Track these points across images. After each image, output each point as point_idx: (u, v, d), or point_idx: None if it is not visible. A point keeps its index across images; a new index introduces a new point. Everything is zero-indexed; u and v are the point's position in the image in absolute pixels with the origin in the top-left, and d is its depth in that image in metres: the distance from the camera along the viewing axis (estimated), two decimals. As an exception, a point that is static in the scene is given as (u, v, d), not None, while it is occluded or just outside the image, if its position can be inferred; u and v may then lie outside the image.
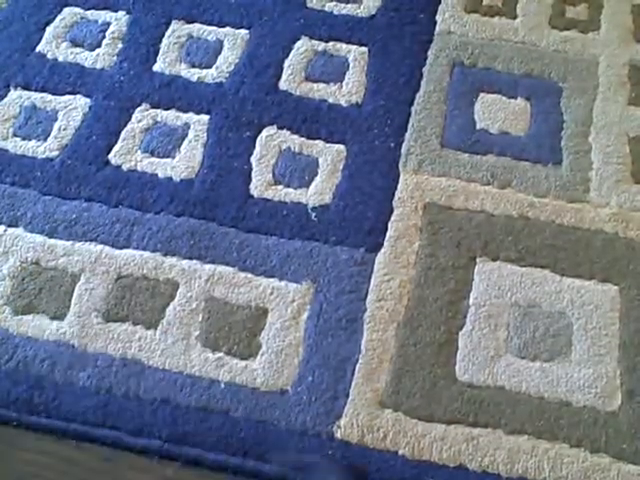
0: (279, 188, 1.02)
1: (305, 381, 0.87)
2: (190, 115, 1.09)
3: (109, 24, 1.19)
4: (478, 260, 0.95)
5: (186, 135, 1.07)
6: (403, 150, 1.05)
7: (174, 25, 1.19)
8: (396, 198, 1.00)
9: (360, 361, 0.88)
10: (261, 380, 0.87)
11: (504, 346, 0.89)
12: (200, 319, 0.91)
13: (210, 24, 1.19)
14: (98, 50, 1.16)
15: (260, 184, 1.02)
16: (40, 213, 0.99)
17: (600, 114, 1.08)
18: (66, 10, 1.21)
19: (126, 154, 1.05)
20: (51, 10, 1.20)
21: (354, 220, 0.99)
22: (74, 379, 0.87)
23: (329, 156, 1.05)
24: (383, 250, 0.96)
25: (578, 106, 1.09)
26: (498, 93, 1.11)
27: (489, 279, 0.94)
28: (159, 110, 1.09)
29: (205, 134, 1.07)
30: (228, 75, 1.13)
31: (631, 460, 0.82)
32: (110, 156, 1.05)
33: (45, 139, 1.07)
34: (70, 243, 0.97)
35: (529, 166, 1.03)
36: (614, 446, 0.83)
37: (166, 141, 1.06)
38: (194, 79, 1.13)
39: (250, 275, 0.94)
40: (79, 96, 1.11)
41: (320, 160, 1.04)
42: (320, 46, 1.16)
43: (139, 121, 1.08)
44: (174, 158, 1.05)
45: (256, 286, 0.93)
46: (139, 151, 1.05)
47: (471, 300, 0.92)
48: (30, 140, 1.06)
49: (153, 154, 1.05)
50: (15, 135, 1.07)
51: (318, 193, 1.01)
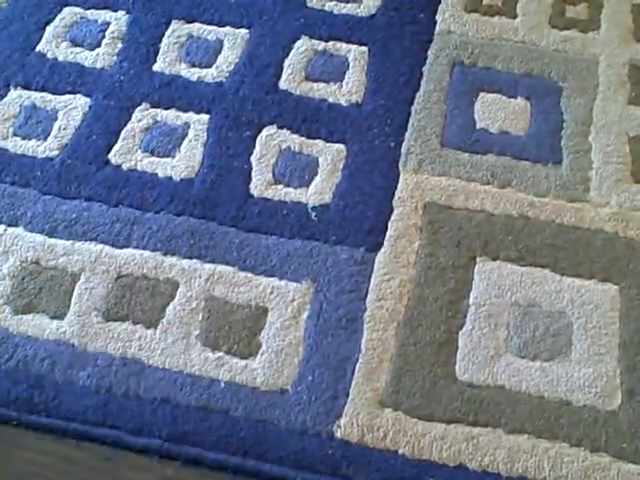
0: (279, 187, 1.02)
1: (305, 380, 0.87)
2: (190, 115, 1.09)
3: (109, 24, 1.19)
4: (478, 259, 0.95)
5: (186, 135, 1.07)
6: (403, 150, 1.05)
7: (174, 25, 1.19)
8: (396, 197, 1.00)
9: (360, 360, 0.88)
10: (261, 379, 0.87)
11: (504, 345, 0.89)
12: (200, 318, 0.91)
13: (210, 24, 1.19)
14: (98, 50, 1.16)
15: (260, 183, 1.02)
16: (40, 212, 0.99)
17: (600, 114, 1.08)
18: (66, 10, 1.21)
19: (126, 154, 1.05)
20: (51, 10, 1.20)
21: (354, 219, 0.99)
22: (74, 378, 0.87)
23: (329, 156, 1.05)
24: (383, 249, 0.96)
25: (578, 105, 1.09)
26: (498, 93, 1.11)
27: (489, 278, 0.94)
28: (159, 110, 1.09)
29: (205, 134, 1.07)
30: (228, 75, 1.13)
31: (631, 459, 0.82)
32: (110, 155, 1.05)
33: (45, 138, 1.06)
34: (70, 242, 0.97)
35: (529, 165, 1.03)
36: (614, 445, 0.83)
37: (166, 141, 1.06)
38: (194, 79, 1.13)
39: (250, 274, 0.94)
40: (79, 96, 1.11)
41: (320, 160, 1.04)
42: (320, 46, 1.16)
43: (139, 120, 1.08)
44: (174, 158, 1.05)
45: (256, 285, 0.93)
46: (139, 151, 1.05)
47: (471, 299, 0.92)
48: (30, 139, 1.06)
49: (153, 154, 1.05)
50: (15, 134, 1.07)
51: (318, 193, 1.01)
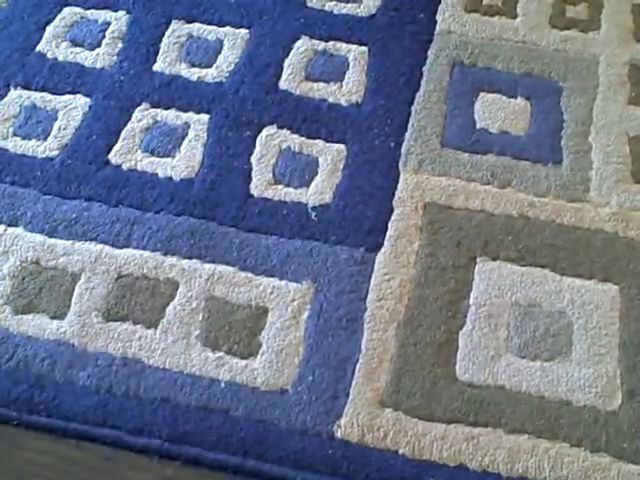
0: (279, 187, 1.02)
1: (305, 380, 0.87)
2: (190, 115, 1.09)
3: (109, 24, 1.19)
4: (478, 260, 0.95)
5: (186, 135, 1.07)
6: (403, 150, 1.05)
7: (174, 25, 1.19)
8: (396, 198, 1.00)
9: (360, 361, 0.88)
10: (261, 379, 0.87)
11: (504, 346, 0.89)
12: (200, 318, 0.91)
13: (210, 24, 1.19)
14: (98, 50, 1.16)
15: (260, 183, 1.02)
16: (40, 212, 0.99)
17: (600, 114, 1.08)
18: (66, 10, 1.21)
19: (126, 154, 1.05)
20: (51, 10, 1.20)
21: (354, 220, 0.98)
22: (74, 378, 0.87)
23: (329, 156, 1.05)
24: (383, 250, 0.96)
25: (578, 105, 1.09)
26: (498, 93, 1.11)
27: (489, 279, 0.94)
28: (159, 110, 1.09)
29: (205, 134, 1.07)
30: (228, 75, 1.13)
31: (631, 460, 0.82)
32: (110, 156, 1.05)
33: (45, 138, 1.06)
34: (70, 242, 0.97)
35: (529, 166, 1.03)
36: (614, 445, 0.83)
37: (166, 141, 1.06)
38: (194, 79, 1.13)
39: (250, 274, 0.94)
40: (79, 96, 1.11)
41: (320, 160, 1.04)
42: (320, 46, 1.16)
43: (139, 121, 1.08)
44: (174, 158, 1.05)
45: (256, 285, 0.93)
46: (139, 151, 1.05)
47: (471, 300, 0.92)
48: (30, 139, 1.06)
49: (153, 154, 1.05)
50: (15, 134, 1.07)
51: (318, 193, 1.01)
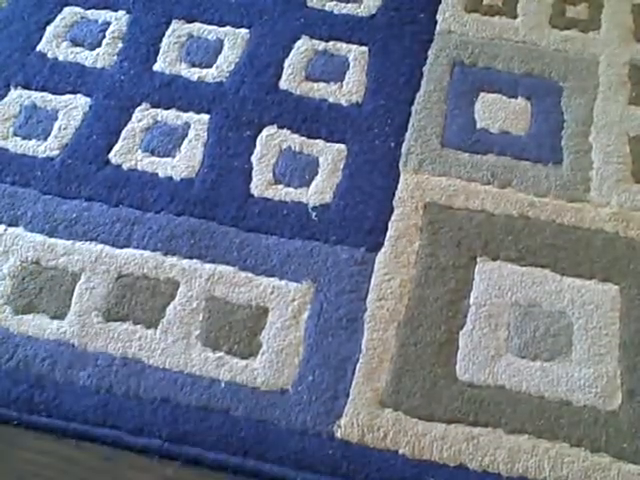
0: (279, 187, 1.02)
1: (305, 380, 0.87)
2: (190, 114, 1.09)
3: (109, 23, 1.19)
4: (478, 260, 0.95)
5: (186, 134, 1.07)
6: (403, 150, 1.05)
7: (174, 24, 1.19)
8: (396, 198, 1.00)
9: (360, 360, 0.88)
10: (261, 379, 0.87)
11: (504, 346, 0.89)
12: (200, 318, 0.91)
13: (210, 23, 1.19)
14: (98, 49, 1.16)
15: (260, 183, 1.02)
16: (40, 212, 0.99)
17: (600, 114, 1.08)
18: (66, 9, 1.20)
19: (126, 153, 1.05)
20: (51, 9, 1.20)
21: (354, 219, 0.98)
22: (74, 378, 0.87)
23: (329, 155, 1.05)
24: (383, 250, 0.96)
25: (578, 105, 1.09)
26: (498, 92, 1.11)
27: (489, 279, 0.94)
28: (159, 109, 1.09)
29: (205, 133, 1.07)
30: (228, 74, 1.13)
31: (631, 459, 0.82)
32: (110, 155, 1.05)
33: (45, 138, 1.06)
34: (70, 242, 0.97)
35: (529, 165, 1.03)
36: (614, 445, 0.83)
37: (166, 140, 1.06)
38: (194, 78, 1.13)
39: (250, 274, 0.94)
40: (79, 95, 1.11)
41: (320, 159, 1.04)
42: (320, 45, 1.16)
43: (139, 120, 1.08)
44: (174, 157, 1.05)
45: (256, 285, 0.93)
46: (139, 150, 1.05)
47: (471, 300, 0.92)
48: (30, 139, 1.06)
49: (153, 153, 1.05)
50: (15, 134, 1.07)
51: (318, 192, 1.01)
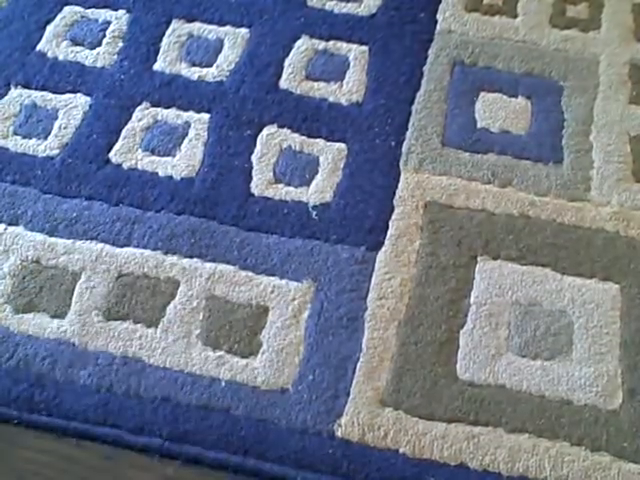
0: (280, 187, 1.02)
1: (306, 380, 0.87)
2: (191, 114, 1.09)
3: (109, 23, 1.19)
4: (479, 259, 0.95)
5: (187, 134, 1.07)
6: (404, 149, 1.05)
7: (174, 24, 1.19)
8: (397, 197, 1.00)
9: (361, 360, 0.88)
10: (262, 379, 0.87)
11: (505, 345, 0.89)
12: (201, 317, 0.91)
13: (210, 23, 1.19)
14: (98, 49, 1.16)
15: (261, 183, 1.02)
16: (40, 211, 0.99)
17: (601, 113, 1.08)
18: (66, 9, 1.21)
19: (127, 153, 1.05)
20: (51, 9, 1.20)
21: (355, 219, 0.98)
22: (75, 377, 0.87)
23: (330, 155, 1.04)
24: (384, 249, 0.96)
25: (579, 105, 1.09)
26: (499, 92, 1.11)
27: (490, 278, 0.94)
28: (160, 109, 1.09)
29: (206, 133, 1.07)
30: (228, 74, 1.13)
31: (632, 459, 0.82)
32: (111, 155, 1.05)
33: (45, 137, 1.06)
34: (71, 241, 0.97)
35: (530, 165, 1.03)
36: (615, 445, 0.83)
37: (167, 140, 1.06)
38: (194, 78, 1.13)
39: (251, 273, 0.94)
40: (79, 95, 1.11)
41: (321, 159, 1.04)
42: (320, 45, 1.16)
43: (139, 120, 1.08)
44: (175, 157, 1.05)
45: (257, 284, 0.93)
46: (140, 150, 1.05)
47: (472, 299, 0.92)
48: (30, 139, 1.06)
49: (154, 153, 1.05)
50: (15, 133, 1.07)
51: (319, 192, 1.01)
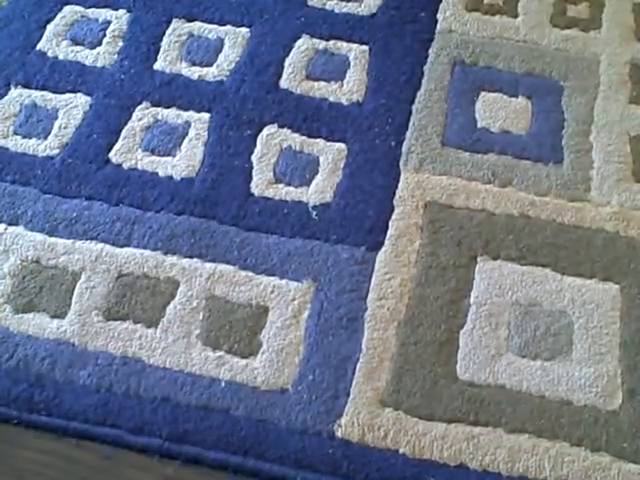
0: (280, 187, 1.02)
1: (306, 380, 0.87)
2: (191, 113, 1.09)
3: (110, 22, 1.19)
4: (479, 259, 0.95)
5: (187, 134, 1.07)
6: (404, 149, 1.05)
7: (175, 23, 1.19)
8: (397, 197, 1.00)
9: (361, 360, 0.88)
10: (262, 379, 0.87)
11: (505, 345, 0.89)
12: (201, 317, 0.91)
13: (211, 22, 1.19)
14: (99, 48, 1.16)
15: (261, 182, 1.02)
16: (40, 211, 0.99)
17: (601, 113, 1.08)
18: (67, 8, 1.21)
19: (127, 152, 1.05)
20: (52, 8, 1.20)
21: (355, 219, 0.98)
22: (74, 377, 0.87)
23: (330, 155, 1.04)
24: (384, 249, 0.96)
25: (579, 105, 1.09)
26: (499, 92, 1.11)
27: (490, 278, 0.94)
28: (160, 108, 1.09)
29: (206, 132, 1.07)
30: (229, 73, 1.13)
31: (632, 459, 0.82)
32: (111, 154, 1.05)
33: (45, 137, 1.06)
34: (71, 241, 0.97)
35: (530, 165, 1.03)
36: (615, 445, 0.83)
37: (167, 139, 1.06)
38: (195, 77, 1.13)
39: (251, 273, 0.94)
40: (80, 94, 1.11)
41: (321, 159, 1.04)
42: (321, 45, 1.16)
43: (140, 119, 1.08)
44: (175, 157, 1.05)
45: (257, 284, 0.93)
46: (140, 149, 1.05)
47: (472, 299, 0.92)
48: (30, 138, 1.06)
49: (154, 152, 1.05)
50: (15, 133, 1.07)
51: (319, 192, 1.01)
